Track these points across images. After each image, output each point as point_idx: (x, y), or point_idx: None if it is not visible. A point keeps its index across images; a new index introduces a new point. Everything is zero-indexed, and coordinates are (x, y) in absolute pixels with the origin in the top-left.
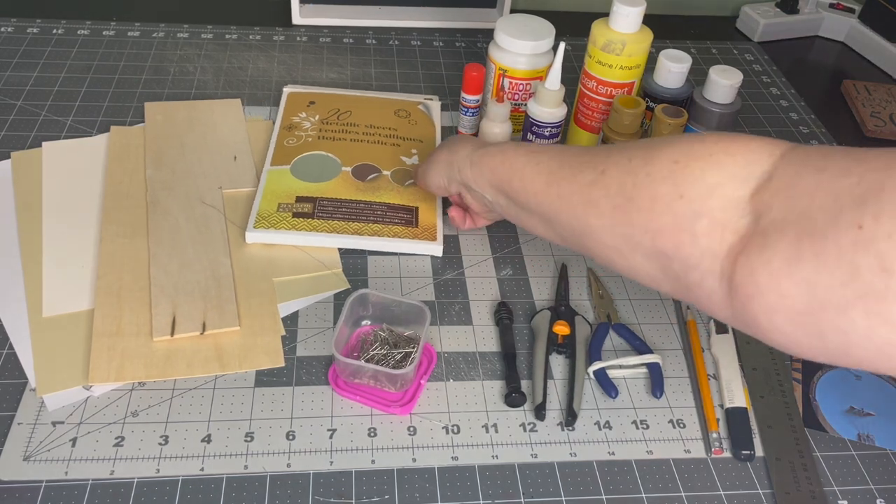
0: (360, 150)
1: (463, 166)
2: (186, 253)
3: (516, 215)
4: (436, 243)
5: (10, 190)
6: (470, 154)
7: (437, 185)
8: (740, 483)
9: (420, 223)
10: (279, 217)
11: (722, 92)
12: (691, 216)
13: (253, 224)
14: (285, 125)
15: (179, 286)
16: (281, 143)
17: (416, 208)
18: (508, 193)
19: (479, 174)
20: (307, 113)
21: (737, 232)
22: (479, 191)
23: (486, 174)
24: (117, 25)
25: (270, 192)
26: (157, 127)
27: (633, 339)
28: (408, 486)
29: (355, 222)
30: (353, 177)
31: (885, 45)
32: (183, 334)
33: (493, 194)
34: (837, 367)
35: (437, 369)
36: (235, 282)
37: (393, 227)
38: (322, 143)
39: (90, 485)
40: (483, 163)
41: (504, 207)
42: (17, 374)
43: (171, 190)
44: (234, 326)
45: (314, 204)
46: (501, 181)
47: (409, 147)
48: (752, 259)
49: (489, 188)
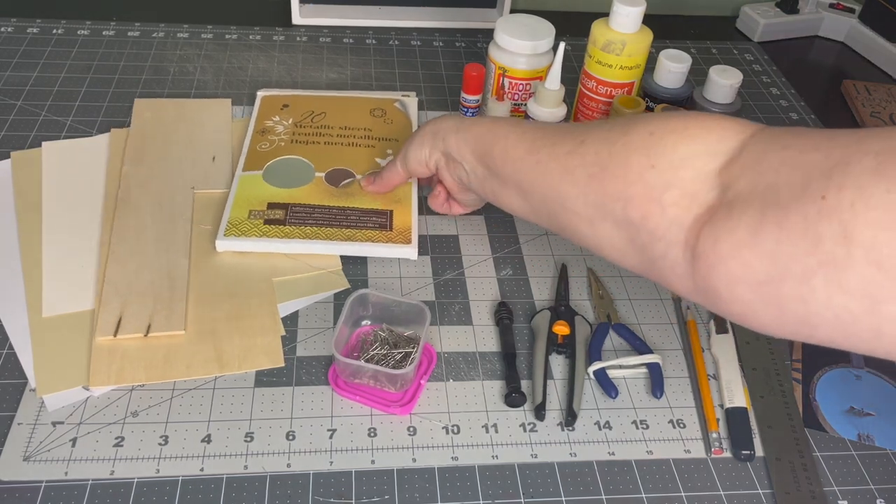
0: (334, 153)
1: (448, 134)
2: (147, 252)
3: (492, 189)
4: (410, 246)
5: (10, 190)
6: (457, 124)
7: (416, 159)
8: (740, 483)
9: (395, 226)
10: (250, 224)
11: (722, 92)
12: (662, 186)
13: (223, 232)
14: (258, 129)
15: (133, 286)
16: (254, 148)
17: (391, 212)
18: (488, 162)
19: (462, 141)
20: (280, 116)
21: (704, 204)
22: (459, 159)
23: (471, 141)
24: (117, 25)
25: (242, 198)
26: (143, 124)
27: (633, 339)
28: (408, 487)
29: (328, 227)
30: (327, 182)
31: (885, 45)
32: (125, 335)
33: (473, 164)
34: (837, 367)
35: (437, 369)
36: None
37: (366, 232)
38: (295, 148)
39: (90, 485)
40: (469, 130)
41: (480, 180)
42: (17, 374)
43: (144, 187)
44: (180, 330)
45: (286, 210)
46: (484, 148)
47: (383, 147)
48: (716, 228)
49: (470, 156)
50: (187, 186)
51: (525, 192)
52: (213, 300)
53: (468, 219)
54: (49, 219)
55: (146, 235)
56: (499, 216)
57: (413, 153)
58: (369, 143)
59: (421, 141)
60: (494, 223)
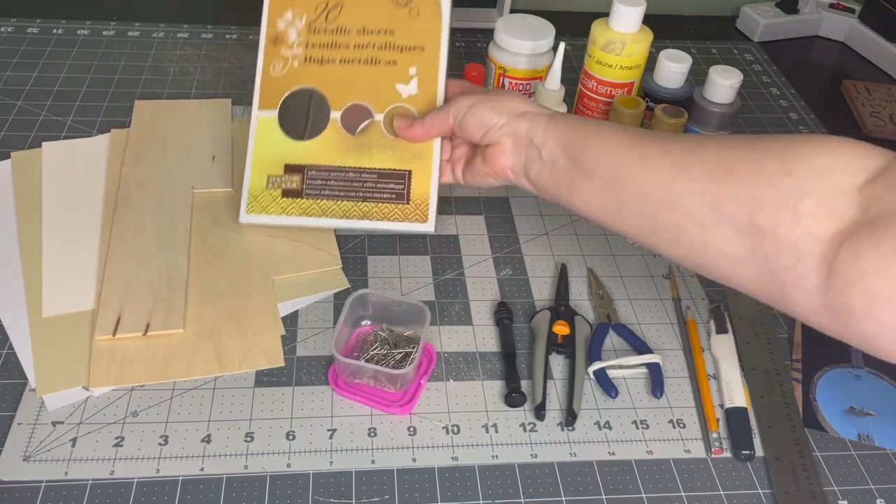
0: (351, 76)
1: (536, 118)
2: (146, 252)
3: (569, 183)
4: (426, 224)
5: (10, 190)
6: (552, 113)
7: (480, 123)
8: (740, 483)
9: (412, 197)
10: (269, 197)
11: (722, 92)
12: (797, 194)
13: (245, 208)
14: (270, 37)
15: (133, 285)
16: (267, 74)
17: (409, 173)
18: (578, 152)
19: (552, 128)
20: (293, 13)
21: (844, 218)
22: (539, 145)
23: (561, 129)
24: (117, 25)
25: (260, 156)
26: (143, 125)
27: (633, 339)
28: (408, 486)
29: (344, 201)
30: (343, 128)
31: (885, 45)
32: (124, 334)
33: (555, 154)
34: (837, 367)
35: (437, 369)
36: (235, 281)
37: (382, 207)
38: (309, 70)
39: (90, 485)
40: (562, 119)
41: (557, 171)
42: (17, 374)
43: (144, 188)
44: (178, 329)
45: (302, 176)
46: (577, 137)
47: (406, 64)
48: (859, 243)
49: (555, 145)
50: (187, 186)
51: (619, 187)
52: (212, 300)
53: (468, 219)
54: (49, 219)
55: (146, 235)
56: (499, 216)
57: (480, 116)
58: (391, 56)
59: (499, 107)
60: (494, 223)
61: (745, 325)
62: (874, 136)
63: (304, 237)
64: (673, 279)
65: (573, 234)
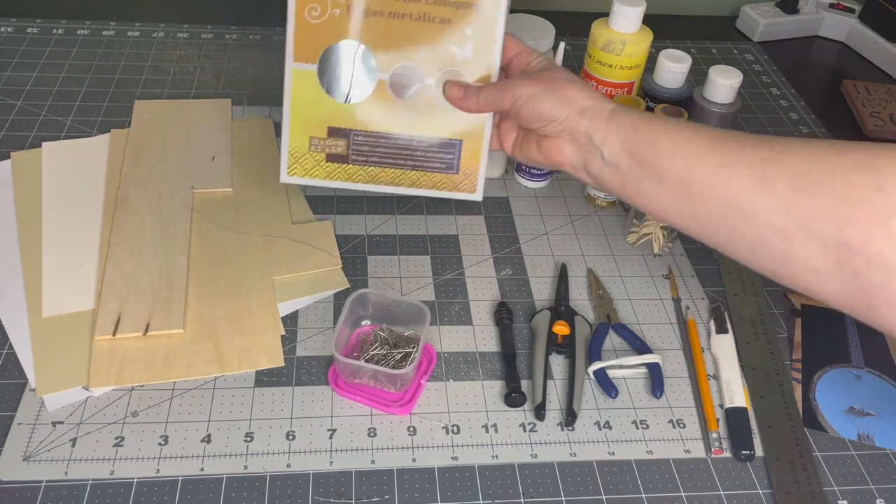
0: (400, 34)
1: (598, 115)
2: (146, 252)
3: (636, 186)
4: (475, 194)
5: (10, 190)
6: (610, 106)
7: (540, 115)
8: (740, 483)
9: (462, 167)
10: (312, 161)
11: (722, 92)
12: (890, 211)
13: (287, 169)
14: None
15: (132, 285)
16: (302, 16)
17: (460, 143)
18: (644, 156)
19: (614, 128)
20: None
21: None
22: (600, 146)
23: (625, 129)
24: (117, 25)
25: (299, 114)
26: (142, 125)
27: (633, 339)
28: (408, 486)
29: (392, 168)
30: (391, 92)
31: (885, 45)
32: (124, 334)
33: (618, 156)
34: (837, 367)
35: (437, 369)
36: (235, 281)
37: (432, 177)
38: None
39: (90, 485)
40: (624, 117)
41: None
42: (17, 374)
43: (143, 188)
44: (178, 329)
45: (348, 141)
46: (642, 140)
47: (462, 23)
48: None
49: (618, 147)
50: (187, 186)
51: (694, 195)
52: (212, 300)
53: (468, 219)
54: (49, 219)
55: (146, 235)
56: (499, 216)
57: (542, 109)
58: (445, 14)
59: (561, 101)
60: (494, 223)
61: (745, 325)
62: (874, 137)
63: (304, 237)
64: (673, 279)
65: (573, 234)
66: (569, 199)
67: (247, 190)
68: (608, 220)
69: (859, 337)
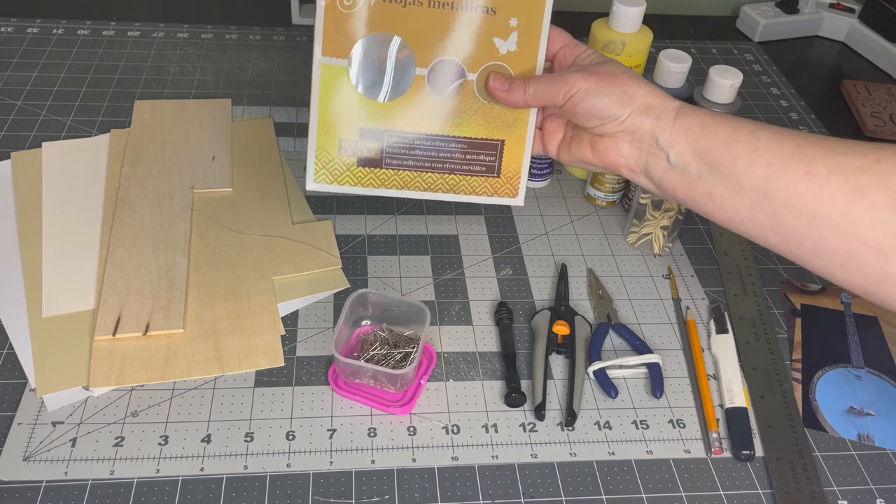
0: (440, 26)
1: (664, 114)
2: (146, 252)
3: (706, 192)
4: (517, 198)
5: (10, 190)
6: (677, 104)
7: (597, 112)
8: (740, 483)
9: (503, 170)
10: (342, 165)
11: (722, 92)
12: None
13: (314, 175)
14: None
15: (132, 285)
16: (332, 7)
17: (502, 143)
18: (717, 160)
19: (681, 128)
20: None
21: None
22: (666, 148)
23: (694, 130)
24: (117, 25)
25: (328, 114)
26: (142, 125)
27: (633, 339)
28: (408, 486)
29: (429, 173)
30: (430, 89)
31: (885, 45)
32: (124, 334)
33: (686, 158)
34: (837, 367)
35: (436, 369)
36: (234, 281)
37: (471, 181)
38: (389, 12)
39: (90, 485)
40: (693, 116)
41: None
42: (17, 374)
43: (143, 188)
44: (178, 329)
45: (381, 143)
46: (716, 142)
47: (506, 13)
48: None
49: (686, 148)
50: (187, 186)
51: (776, 205)
52: (212, 300)
53: (468, 218)
54: (49, 219)
55: (145, 235)
56: (499, 216)
57: (601, 106)
58: (488, 3)
59: (622, 98)
60: (494, 223)
61: (745, 325)
62: (874, 137)
63: (304, 237)
64: (673, 279)
65: (573, 234)
66: (569, 198)
67: (247, 190)
68: (608, 220)
69: (859, 337)
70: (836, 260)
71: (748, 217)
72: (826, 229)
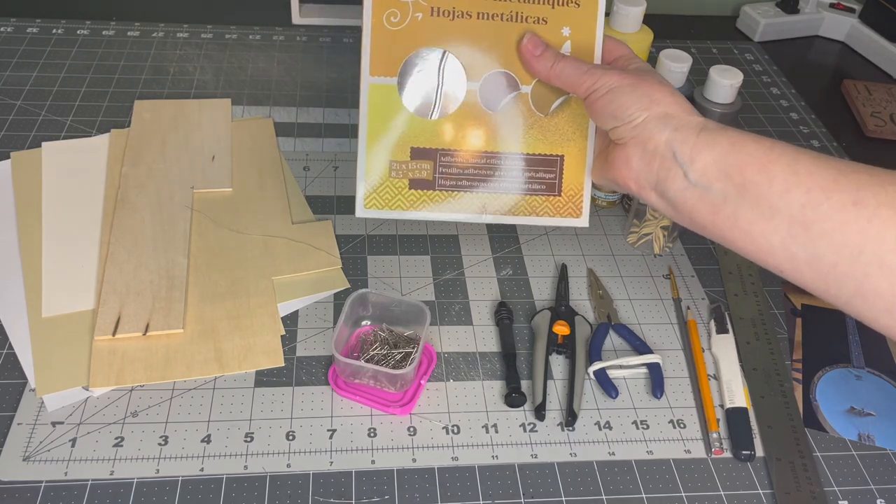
0: (491, 37)
1: (685, 125)
2: (146, 252)
3: (731, 216)
4: (580, 218)
5: (9, 190)
6: (701, 119)
7: (615, 113)
8: (740, 483)
9: (564, 188)
10: (393, 189)
11: (722, 92)
12: None
13: (363, 202)
14: None
15: (132, 285)
16: (380, 24)
17: (561, 159)
18: (751, 180)
19: (706, 144)
20: None
21: None
22: (683, 162)
23: (722, 146)
24: (117, 25)
25: (377, 136)
26: (142, 125)
27: (633, 339)
28: (408, 487)
29: (485, 193)
30: (482, 103)
31: (886, 45)
32: (124, 334)
33: (707, 177)
34: (838, 367)
35: (437, 369)
36: (234, 281)
37: (531, 201)
38: (437, 26)
39: (90, 485)
40: (723, 133)
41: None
42: (17, 375)
43: (143, 188)
44: (178, 329)
45: (434, 163)
46: (747, 164)
47: (559, 22)
48: None
49: (711, 166)
50: (187, 186)
51: (815, 236)
52: (212, 300)
53: None
54: (49, 219)
55: (145, 235)
56: None
57: (617, 106)
58: (540, 13)
59: (642, 100)
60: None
61: (745, 325)
62: (874, 137)
63: (304, 237)
64: (673, 279)
65: (573, 234)
66: None
67: (247, 190)
68: (608, 220)
69: (860, 337)
70: (883, 304)
71: (780, 248)
72: (873, 267)
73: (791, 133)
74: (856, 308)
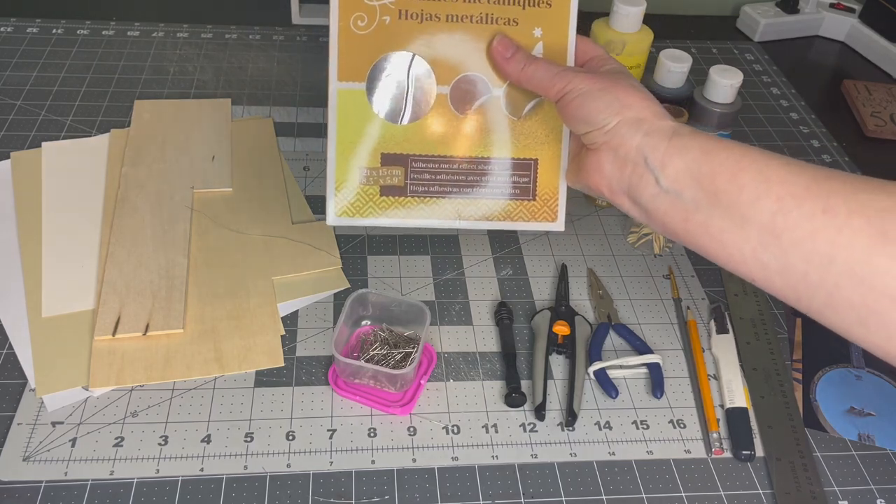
0: (460, 41)
1: (655, 131)
2: (146, 252)
3: (703, 223)
4: (556, 223)
5: (9, 190)
6: (674, 124)
7: (583, 118)
8: (740, 483)
9: (538, 192)
10: (364, 196)
11: (722, 92)
12: None
13: (335, 209)
14: None
15: (132, 285)
16: (347, 28)
17: (535, 161)
18: (722, 188)
19: (677, 150)
20: None
21: None
22: (654, 168)
23: (692, 152)
24: (117, 25)
25: (347, 142)
26: (142, 125)
27: (633, 339)
28: (408, 487)
29: (458, 198)
30: (453, 107)
31: (885, 45)
32: (124, 334)
33: (679, 183)
34: (838, 367)
35: (437, 369)
36: (234, 281)
37: (505, 206)
38: (405, 29)
39: (90, 485)
40: (693, 137)
41: (682, 206)
42: (17, 375)
43: (143, 188)
44: (178, 329)
45: (405, 170)
46: (718, 171)
47: (529, 23)
48: None
49: (683, 173)
50: (187, 186)
51: (786, 245)
52: (212, 300)
53: None
54: (49, 219)
55: (145, 235)
56: None
57: (588, 110)
58: (510, 14)
59: (613, 105)
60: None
61: (745, 325)
62: (875, 137)
63: (304, 237)
64: (673, 279)
65: (573, 234)
66: (569, 199)
67: (247, 190)
68: (608, 220)
69: None
70: (854, 314)
71: (752, 257)
72: (844, 278)
73: (791, 133)
74: (827, 318)
